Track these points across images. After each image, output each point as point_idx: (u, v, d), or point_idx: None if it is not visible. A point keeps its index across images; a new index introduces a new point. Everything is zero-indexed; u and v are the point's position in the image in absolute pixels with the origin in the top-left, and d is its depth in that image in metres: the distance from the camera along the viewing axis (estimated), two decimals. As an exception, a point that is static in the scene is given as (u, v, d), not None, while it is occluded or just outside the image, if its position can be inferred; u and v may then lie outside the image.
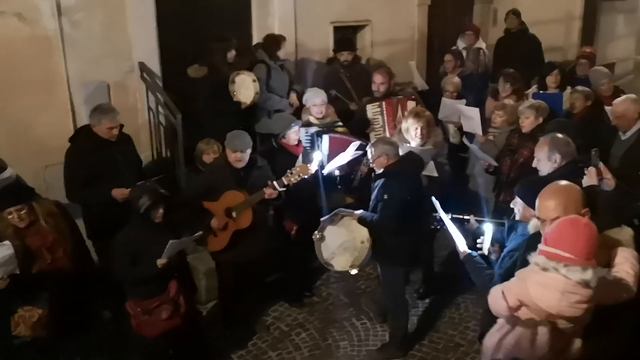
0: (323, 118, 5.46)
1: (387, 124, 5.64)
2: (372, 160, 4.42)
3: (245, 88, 5.59)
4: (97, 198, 4.51)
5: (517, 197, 3.35)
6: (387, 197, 4.25)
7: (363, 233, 4.43)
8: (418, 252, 4.83)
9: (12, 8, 4.96)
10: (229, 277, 4.82)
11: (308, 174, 4.55)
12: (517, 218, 3.37)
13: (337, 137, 5.26)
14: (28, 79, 5.10)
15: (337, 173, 5.07)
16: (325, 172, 4.97)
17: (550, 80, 6.34)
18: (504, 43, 8.17)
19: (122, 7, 5.55)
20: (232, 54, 5.72)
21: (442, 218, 3.80)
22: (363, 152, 4.92)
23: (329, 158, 5.06)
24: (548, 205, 2.88)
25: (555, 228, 2.67)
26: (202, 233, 4.23)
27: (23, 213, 3.76)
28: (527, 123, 4.97)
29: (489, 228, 3.62)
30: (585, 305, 2.65)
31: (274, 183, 4.47)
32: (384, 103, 5.66)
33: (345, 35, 7.31)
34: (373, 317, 5.11)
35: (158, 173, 4.79)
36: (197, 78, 5.74)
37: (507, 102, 5.72)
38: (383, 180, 4.34)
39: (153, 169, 5.40)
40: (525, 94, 6.22)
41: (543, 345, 2.70)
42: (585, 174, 3.59)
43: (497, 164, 5.03)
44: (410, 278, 5.51)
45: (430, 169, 4.90)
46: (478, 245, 3.61)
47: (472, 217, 3.93)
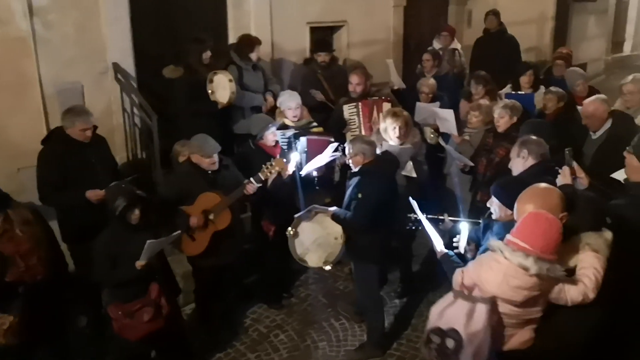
0: (298, 120, 5.49)
1: (363, 125, 5.69)
2: (349, 158, 4.45)
3: (222, 88, 5.58)
4: (71, 201, 4.43)
5: (493, 196, 3.40)
6: (361, 196, 4.29)
7: (337, 230, 4.47)
8: (390, 250, 4.89)
9: (-17, 9, 4.86)
10: (206, 280, 4.80)
11: (284, 168, 4.60)
12: (494, 217, 3.42)
13: (315, 138, 5.31)
14: (0, 81, 5.00)
15: (315, 174, 5.12)
16: (303, 173, 5.01)
17: (524, 81, 6.44)
18: (483, 43, 8.22)
19: (95, 7, 5.46)
20: (207, 55, 5.68)
21: (419, 218, 3.86)
22: (341, 153, 4.96)
23: (308, 159, 5.10)
24: (526, 209, 2.95)
25: (521, 220, 2.87)
26: (180, 232, 4.19)
27: None
28: (502, 122, 5.03)
29: (465, 227, 3.71)
30: (526, 292, 2.82)
31: (251, 179, 4.50)
32: (360, 104, 5.71)
33: (322, 36, 7.34)
34: (350, 317, 5.13)
35: (133, 174, 4.72)
36: (173, 79, 5.69)
37: (482, 102, 5.79)
38: (358, 179, 4.38)
39: (128, 171, 5.32)
40: (499, 94, 6.29)
41: (478, 321, 2.84)
42: (559, 174, 3.65)
43: (472, 164, 5.10)
44: (389, 277, 5.56)
45: (409, 170, 4.95)
46: (454, 244, 3.69)
47: (446, 216, 4.02)
